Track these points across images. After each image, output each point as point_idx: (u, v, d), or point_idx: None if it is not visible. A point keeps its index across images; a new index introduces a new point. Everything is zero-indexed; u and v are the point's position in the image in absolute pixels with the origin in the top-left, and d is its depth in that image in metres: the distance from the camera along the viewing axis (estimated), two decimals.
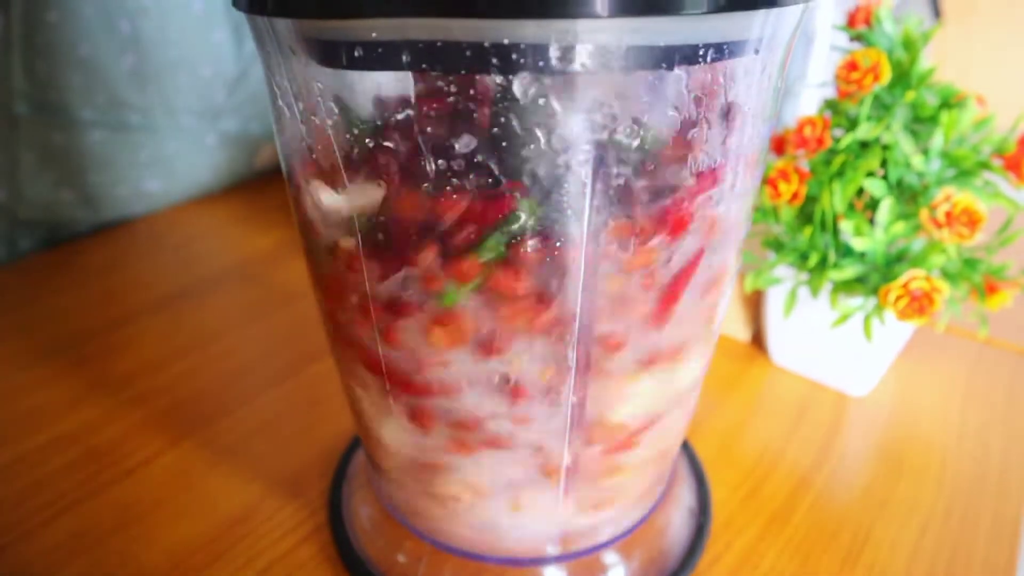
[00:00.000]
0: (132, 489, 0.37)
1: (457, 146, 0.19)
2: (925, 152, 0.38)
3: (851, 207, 0.39)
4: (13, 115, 0.53)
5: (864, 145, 0.39)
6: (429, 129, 0.19)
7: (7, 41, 0.50)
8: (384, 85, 0.18)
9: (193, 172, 0.68)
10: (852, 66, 0.38)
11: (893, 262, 0.38)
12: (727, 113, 0.21)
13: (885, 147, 0.38)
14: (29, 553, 0.33)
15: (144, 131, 0.62)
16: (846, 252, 0.39)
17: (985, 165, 0.38)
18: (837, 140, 0.39)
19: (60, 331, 0.49)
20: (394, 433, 0.27)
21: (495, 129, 0.18)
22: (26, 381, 0.44)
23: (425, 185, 0.19)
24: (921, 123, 0.40)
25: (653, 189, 0.20)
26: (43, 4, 0.52)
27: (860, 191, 0.39)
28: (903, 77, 0.40)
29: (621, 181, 0.20)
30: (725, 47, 0.19)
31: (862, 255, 0.38)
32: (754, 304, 0.48)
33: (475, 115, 0.18)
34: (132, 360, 0.46)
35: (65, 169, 0.59)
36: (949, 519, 0.35)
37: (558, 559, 0.29)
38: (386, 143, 0.19)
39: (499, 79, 0.18)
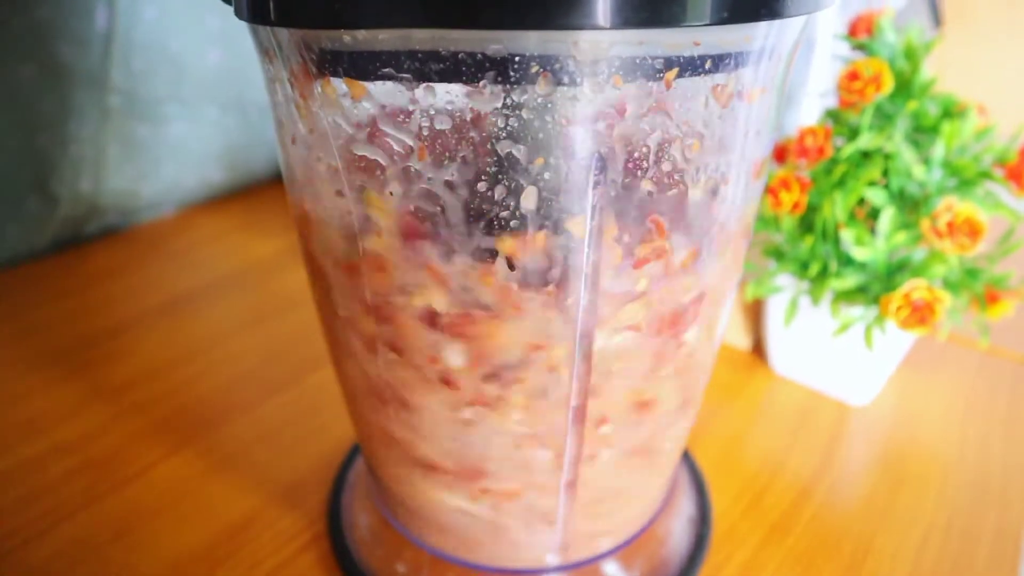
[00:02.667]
0: (132, 497, 0.37)
1: (457, 157, 0.19)
2: (926, 162, 0.38)
3: (852, 216, 0.39)
4: (106, 108, 0.55)
5: (865, 155, 0.39)
6: (430, 139, 0.19)
7: (109, 37, 0.52)
8: (386, 95, 0.18)
9: (253, 164, 0.71)
10: (854, 75, 0.38)
11: (894, 272, 0.38)
12: (730, 123, 0.21)
13: (886, 157, 0.38)
14: (29, 561, 0.33)
15: (218, 124, 0.64)
16: (847, 261, 0.39)
17: (986, 175, 0.38)
18: (838, 150, 0.39)
19: (60, 337, 0.49)
20: (393, 440, 0.27)
21: (495, 142, 0.18)
22: (26, 387, 0.44)
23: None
24: (922, 133, 0.40)
25: (657, 200, 0.20)
26: (144, 1, 0.53)
27: (861, 200, 0.39)
28: (905, 87, 0.40)
29: (624, 192, 0.20)
30: (728, 58, 0.19)
31: (863, 264, 0.38)
32: (755, 313, 0.48)
33: (475, 126, 0.18)
34: (132, 367, 0.46)
35: (144, 160, 0.60)
36: (951, 529, 0.35)
37: (558, 569, 0.29)
38: (385, 151, 0.19)
39: (500, 89, 0.18)
